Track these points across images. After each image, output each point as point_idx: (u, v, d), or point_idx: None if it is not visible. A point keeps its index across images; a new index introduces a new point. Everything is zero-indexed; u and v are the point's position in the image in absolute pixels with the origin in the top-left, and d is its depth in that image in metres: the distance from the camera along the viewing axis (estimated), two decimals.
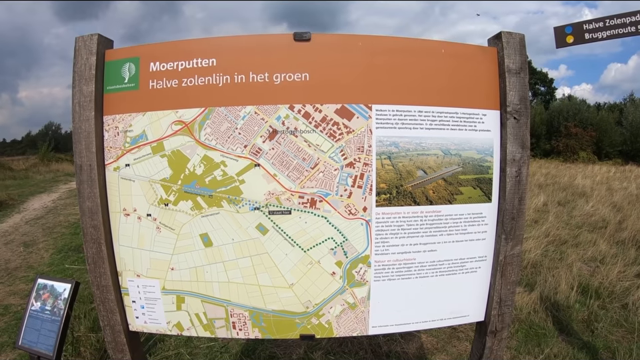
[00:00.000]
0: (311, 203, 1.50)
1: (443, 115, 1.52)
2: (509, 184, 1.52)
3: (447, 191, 1.51)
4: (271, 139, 1.49)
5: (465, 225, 1.55)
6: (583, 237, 6.24)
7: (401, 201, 1.50)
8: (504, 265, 1.56)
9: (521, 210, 1.53)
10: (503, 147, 1.54)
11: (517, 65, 1.54)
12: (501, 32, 1.58)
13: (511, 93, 1.53)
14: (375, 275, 1.54)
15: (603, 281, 4.39)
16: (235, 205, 1.52)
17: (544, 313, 3.44)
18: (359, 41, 1.52)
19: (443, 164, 1.51)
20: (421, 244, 1.54)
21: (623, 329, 3.45)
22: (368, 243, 1.52)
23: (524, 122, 1.52)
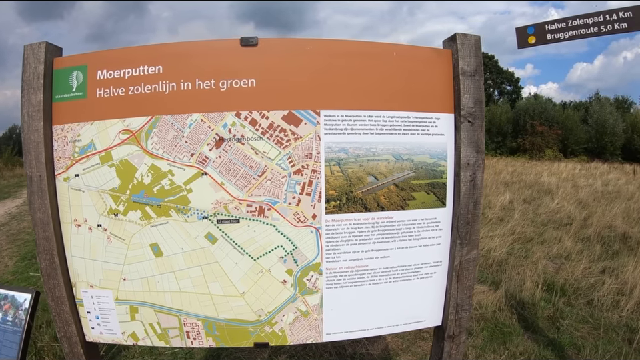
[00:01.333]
0: (259, 211, 1.41)
1: (395, 119, 1.42)
2: (464, 188, 1.42)
3: (399, 197, 1.42)
4: (218, 147, 1.40)
5: (419, 230, 1.45)
6: (549, 234, 6.23)
7: (352, 207, 1.41)
8: (459, 270, 1.47)
9: (476, 214, 1.43)
10: (457, 151, 1.44)
11: (472, 67, 1.43)
12: (456, 34, 1.47)
13: (465, 96, 1.42)
14: (327, 283, 1.45)
15: (569, 277, 4.37)
16: (184, 215, 1.43)
17: (509, 311, 3.42)
18: (308, 45, 1.43)
19: (394, 169, 1.41)
20: (373, 250, 1.44)
21: (589, 325, 3.43)
22: (318, 250, 1.43)
23: (479, 125, 1.42)
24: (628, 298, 3.84)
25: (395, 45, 1.49)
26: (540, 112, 39.98)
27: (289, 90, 1.44)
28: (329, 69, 1.45)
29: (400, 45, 1.48)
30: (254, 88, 1.44)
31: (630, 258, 4.88)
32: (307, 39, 1.49)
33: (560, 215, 7.84)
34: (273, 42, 1.47)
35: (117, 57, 1.51)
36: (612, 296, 3.91)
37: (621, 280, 4.22)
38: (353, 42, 1.48)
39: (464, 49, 1.47)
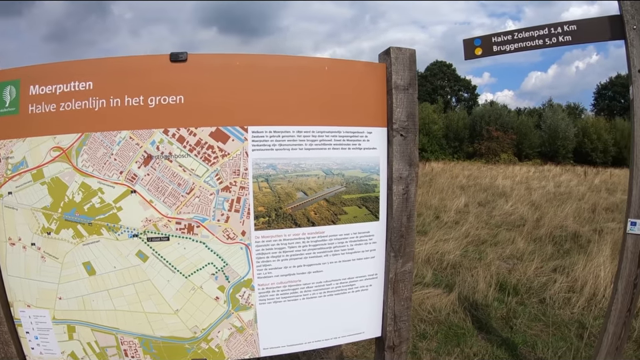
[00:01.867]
0: (188, 229, 1.37)
1: (324, 134, 1.37)
2: (396, 202, 1.38)
3: (329, 212, 1.38)
4: (146, 165, 1.36)
5: (352, 244, 1.42)
6: (502, 236, 6.32)
7: (281, 223, 1.37)
8: (395, 282, 1.43)
9: (410, 227, 1.39)
10: (389, 165, 1.40)
11: (405, 81, 1.39)
12: (390, 48, 1.42)
13: (398, 110, 1.38)
14: (260, 298, 1.42)
15: (521, 277, 4.42)
16: (114, 233, 1.39)
17: (463, 313, 3.43)
18: (237, 60, 1.38)
19: (324, 184, 1.37)
20: (305, 265, 1.41)
21: (541, 322, 3.47)
22: (249, 266, 1.39)
23: (411, 139, 1.38)
24: (579, 295, 3.92)
25: (326, 59, 1.45)
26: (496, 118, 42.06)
27: (217, 106, 1.40)
28: (257, 84, 1.40)
29: (331, 59, 1.44)
30: (182, 104, 1.39)
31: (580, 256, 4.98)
32: (236, 54, 1.44)
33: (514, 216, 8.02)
34: (202, 57, 1.43)
35: (50, 72, 1.47)
36: (563, 294, 3.98)
37: (571, 278, 4.31)
38: (282, 57, 1.44)
39: (398, 63, 1.42)
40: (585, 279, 4.15)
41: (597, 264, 4.25)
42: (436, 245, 5.31)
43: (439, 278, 4.39)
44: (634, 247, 1.85)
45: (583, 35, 1.86)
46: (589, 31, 1.95)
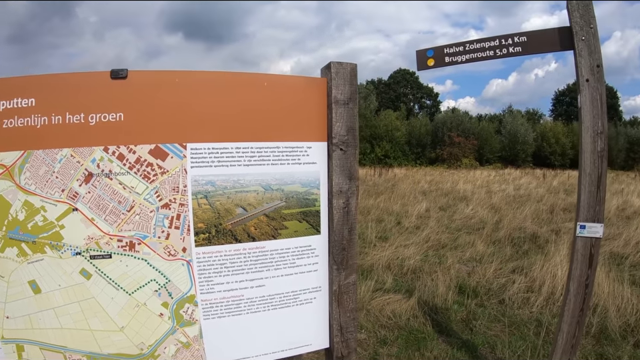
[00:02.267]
0: (129, 246, 1.36)
1: (263, 150, 1.36)
2: (337, 215, 1.37)
3: (269, 227, 1.37)
4: (87, 183, 1.35)
5: (293, 258, 1.41)
6: (462, 240, 6.35)
7: (221, 239, 1.36)
8: (339, 294, 1.43)
9: (351, 240, 1.38)
10: (330, 179, 1.38)
11: (346, 96, 1.37)
12: (331, 62, 1.41)
13: (338, 124, 1.36)
14: (204, 314, 1.40)
15: (481, 279, 4.44)
16: (58, 251, 1.38)
17: (423, 317, 3.44)
18: (176, 77, 1.37)
19: (264, 200, 1.36)
20: (248, 280, 1.40)
21: (501, 323, 3.49)
22: (191, 282, 1.38)
23: (351, 153, 1.36)
24: (537, 294, 3.96)
25: (266, 75, 1.43)
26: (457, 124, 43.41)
27: (156, 123, 1.39)
28: (196, 101, 1.39)
29: (271, 75, 1.42)
30: (122, 122, 1.38)
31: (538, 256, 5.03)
32: (175, 71, 1.43)
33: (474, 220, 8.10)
34: (142, 74, 1.41)
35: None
36: (522, 294, 4.02)
37: (530, 278, 4.35)
38: (221, 73, 1.42)
39: (338, 78, 1.41)
40: (542, 278, 4.20)
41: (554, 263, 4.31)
42: (396, 251, 5.32)
43: (399, 283, 4.39)
44: (584, 249, 1.88)
45: (533, 46, 1.88)
46: (539, 42, 1.97)
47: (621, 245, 6.08)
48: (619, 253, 5.79)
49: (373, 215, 8.28)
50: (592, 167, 1.72)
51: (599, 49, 1.76)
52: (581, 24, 1.76)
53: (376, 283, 4.14)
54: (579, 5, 1.78)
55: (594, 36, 1.81)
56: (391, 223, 7.64)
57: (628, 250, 5.82)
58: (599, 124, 1.71)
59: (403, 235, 6.55)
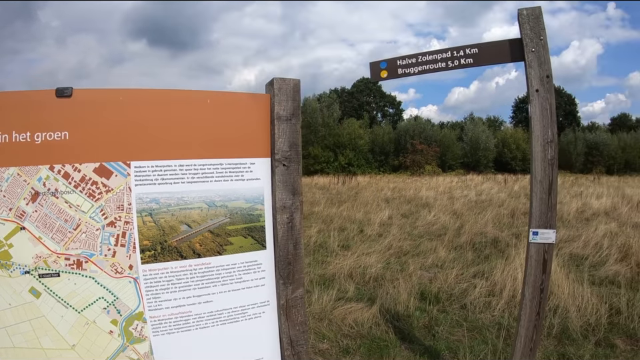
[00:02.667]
0: (77, 264, 1.37)
1: (207, 167, 1.36)
2: (281, 231, 1.37)
3: (214, 243, 1.37)
4: (34, 201, 1.36)
5: (240, 273, 1.41)
6: (424, 246, 6.51)
7: (167, 256, 1.37)
8: (287, 308, 1.43)
9: (297, 255, 1.39)
10: (273, 194, 1.37)
11: (288, 112, 1.38)
12: (274, 79, 1.42)
13: (280, 140, 1.37)
14: (153, 330, 1.41)
15: (442, 285, 4.54)
16: (7, 270, 1.39)
17: (386, 325, 3.52)
18: (120, 95, 1.39)
19: (208, 216, 1.36)
20: (195, 296, 1.41)
21: (463, 328, 3.53)
22: (139, 299, 1.39)
23: (294, 168, 1.37)
24: (498, 298, 4.04)
25: (209, 92, 1.44)
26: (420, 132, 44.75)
27: (101, 142, 1.41)
28: (140, 119, 1.41)
29: (214, 92, 1.43)
30: (67, 140, 1.40)
31: (499, 260, 5.15)
32: (120, 89, 1.44)
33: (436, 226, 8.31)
34: (87, 92, 1.43)
35: None
36: (483, 298, 4.09)
37: (491, 282, 4.42)
38: (165, 91, 1.43)
39: (281, 94, 1.42)
40: (503, 282, 4.29)
41: (514, 267, 4.39)
42: (359, 259, 5.37)
43: (361, 292, 4.44)
44: (537, 255, 1.94)
45: (485, 58, 1.94)
46: (491, 54, 2.03)
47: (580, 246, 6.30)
48: (578, 254, 6.00)
49: (335, 224, 8.42)
50: (543, 175, 1.73)
51: (548, 60, 1.81)
52: (531, 36, 1.79)
53: (338, 292, 4.19)
54: (530, 17, 1.81)
55: (544, 47, 1.87)
56: (353, 232, 7.77)
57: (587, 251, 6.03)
58: (548, 133, 1.73)
59: (365, 243, 6.70)
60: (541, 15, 1.90)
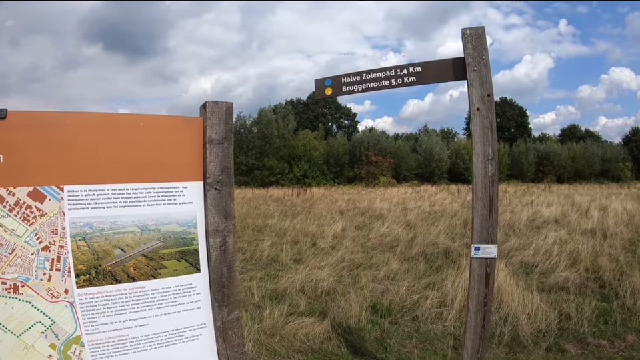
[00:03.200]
0: (13, 289, 1.38)
1: (139, 191, 1.36)
2: (215, 254, 1.37)
3: (149, 267, 1.37)
4: None
5: (175, 296, 1.41)
6: (377, 258, 6.54)
7: (102, 280, 1.37)
8: (224, 331, 1.44)
9: (231, 277, 1.39)
10: (206, 218, 1.35)
11: (220, 135, 1.38)
12: (206, 102, 1.41)
13: (212, 164, 1.37)
14: (92, 354, 1.43)
15: (394, 297, 4.56)
16: None
17: (337, 339, 3.55)
18: (55, 118, 1.52)
19: (141, 240, 1.37)
20: (131, 320, 1.42)
21: (415, 339, 3.57)
22: (76, 323, 1.39)
23: (226, 192, 1.37)
24: (450, 308, 4.07)
25: (142, 115, 1.44)
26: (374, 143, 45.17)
27: (35, 165, 1.44)
28: (73, 142, 1.44)
29: (147, 115, 1.43)
30: (1, 163, 1.38)
31: (451, 270, 5.25)
32: (54, 111, 1.47)
33: (389, 238, 8.39)
34: (21, 115, 1.46)
35: None
36: (435, 309, 4.13)
37: (442, 293, 4.49)
38: (99, 114, 1.44)
39: (213, 117, 1.42)
40: (454, 292, 4.34)
41: (465, 277, 4.42)
42: (311, 273, 5.32)
43: (313, 306, 4.44)
44: (480, 269, 2.01)
45: (428, 76, 2.02)
46: (434, 73, 2.20)
47: (530, 254, 6.43)
48: (529, 262, 6.14)
49: (289, 237, 8.42)
50: (483, 191, 1.75)
51: (490, 79, 1.86)
52: (473, 55, 1.82)
53: (290, 306, 4.18)
54: (473, 37, 1.83)
55: (485, 67, 1.92)
56: (306, 245, 7.75)
57: (537, 258, 6.16)
58: (489, 150, 1.74)
59: (318, 256, 6.66)
60: (484, 34, 1.91)
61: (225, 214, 1.56)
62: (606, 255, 6.16)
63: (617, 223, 9.16)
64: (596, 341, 3.40)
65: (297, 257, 6.71)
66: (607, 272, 5.18)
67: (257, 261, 6.40)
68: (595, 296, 4.47)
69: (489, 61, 1.95)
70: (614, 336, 3.51)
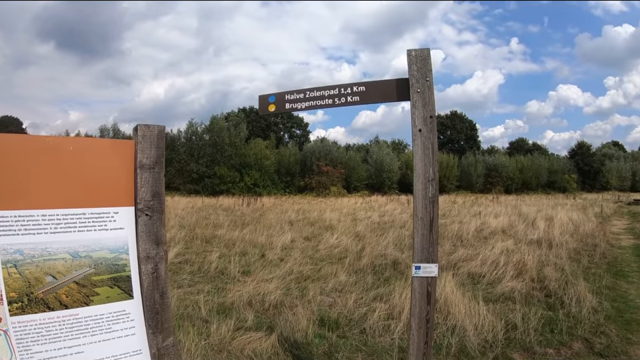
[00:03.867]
0: None
1: (70, 217, 1.34)
2: (147, 281, 1.36)
3: (81, 294, 1.36)
4: None
5: (109, 323, 1.39)
6: (325, 270, 6.66)
7: (35, 308, 1.36)
8: (159, 357, 1.46)
9: (164, 304, 1.36)
10: (138, 244, 1.31)
11: (152, 160, 1.36)
12: (138, 125, 1.40)
13: (143, 189, 1.35)
14: None
15: (342, 310, 4.66)
16: None
17: (285, 355, 3.61)
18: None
19: (72, 267, 1.35)
20: (66, 347, 1.42)
21: (363, 352, 3.63)
22: (11, 352, 1.41)
23: (157, 218, 1.35)
24: (397, 320, 4.16)
25: (72, 138, 1.44)
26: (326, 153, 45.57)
27: None
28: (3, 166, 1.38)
29: (77, 138, 1.42)
30: None
31: (399, 282, 5.46)
32: None
33: (338, 249, 8.67)
34: None
35: None
36: (382, 321, 4.20)
37: (390, 305, 4.58)
38: (27, 137, 1.40)
39: (145, 141, 1.40)
40: (402, 305, 4.43)
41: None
42: (259, 286, 5.40)
43: (261, 320, 4.47)
44: (421, 288, 2.05)
45: (371, 96, 2.09)
46: (377, 93, 2.36)
47: (478, 264, 6.59)
48: (476, 272, 6.31)
49: (237, 248, 8.59)
50: (424, 212, 1.76)
51: (433, 101, 1.92)
52: (417, 76, 1.85)
53: (237, 321, 4.15)
54: (417, 59, 1.84)
55: (429, 89, 2.03)
56: (255, 256, 7.92)
57: (484, 269, 6.31)
58: (430, 171, 1.76)
59: (266, 268, 6.85)
60: (429, 56, 1.93)
61: (156, 240, 1.57)
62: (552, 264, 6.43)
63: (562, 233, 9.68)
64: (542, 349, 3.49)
65: (246, 268, 6.74)
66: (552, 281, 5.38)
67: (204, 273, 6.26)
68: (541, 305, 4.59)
69: (433, 82, 1.98)
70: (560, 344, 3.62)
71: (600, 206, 20.68)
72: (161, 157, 1.62)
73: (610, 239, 9.91)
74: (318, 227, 11.89)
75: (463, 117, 63.23)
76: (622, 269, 6.87)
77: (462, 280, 5.39)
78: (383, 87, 2.05)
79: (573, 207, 18.08)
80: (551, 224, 10.77)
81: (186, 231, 9.80)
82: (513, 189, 49.69)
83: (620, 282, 5.89)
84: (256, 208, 19.57)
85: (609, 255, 7.83)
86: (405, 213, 15.61)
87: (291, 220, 13.83)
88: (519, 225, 10.89)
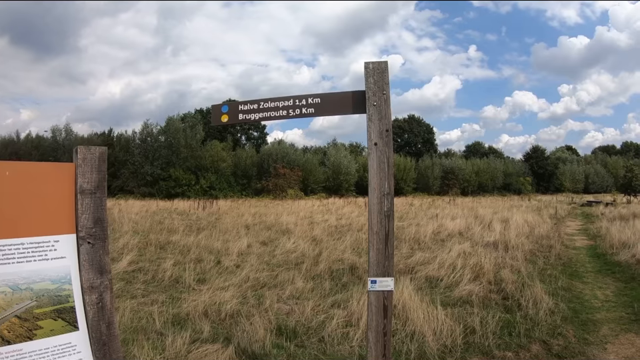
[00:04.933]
0: None
1: (7, 247, 1.25)
2: (91, 312, 1.27)
3: (23, 328, 1.26)
4: None
5: (55, 357, 1.36)
6: (282, 277, 6.53)
7: None
8: None
9: (111, 335, 1.28)
10: (81, 274, 1.21)
11: (93, 185, 1.26)
12: (78, 147, 1.27)
13: (84, 216, 1.24)
14: None
15: (300, 318, 4.55)
16: None
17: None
18: None
19: (13, 301, 1.25)
20: None
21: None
22: None
23: (100, 246, 1.25)
24: (356, 328, 4.08)
25: (8, 163, 1.33)
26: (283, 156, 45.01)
27: None
28: None
29: (13, 162, 1.29)
30: None
31: (357, 287, 5.38)
32: None
33: (295, 254, 8.45)
34: None
35: None
36: (341, 329, 4.14)
37: (348, 311, 4.51)
38: None
39: (85, 164, 1.30)
40: (360, 311, 4.33)
41: None
42: (214, 295, 5.16)
43: (217, 331, 4.23)
44: (377, 302, 1.98)
45: (326, 109, 2.05)
46: (333, 105, 2.01)
47: (435, 267, 6.52)
48: (434, 276, 6.24)
49: (192, 255, 8.22)
50: (379, 226, 1.69)
51: (389, 115, 1.94)
52: (374, 89, 1.81)
53: (193, 332, 3.95)
54: (375, 72, 1.79)
55: (385, 102, 1.94)
56: (210, 263, 7.56)
57: (442, 272, 6.23)
58: (385, 185, 1.71)
59: (222, 275, 6.54)
60: (387, 69, 1.87)
61: (100, 269, 1.48)
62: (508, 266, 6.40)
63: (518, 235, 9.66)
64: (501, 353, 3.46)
65: (201, 276, 6.38)
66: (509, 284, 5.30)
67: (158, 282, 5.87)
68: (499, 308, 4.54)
69: (390, 96, 1.89)
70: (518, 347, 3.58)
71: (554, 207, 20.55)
72: (103, 180, 1.51)
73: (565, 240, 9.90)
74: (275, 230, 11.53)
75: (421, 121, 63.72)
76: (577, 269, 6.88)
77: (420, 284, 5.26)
78: (339, 99, 1.96)
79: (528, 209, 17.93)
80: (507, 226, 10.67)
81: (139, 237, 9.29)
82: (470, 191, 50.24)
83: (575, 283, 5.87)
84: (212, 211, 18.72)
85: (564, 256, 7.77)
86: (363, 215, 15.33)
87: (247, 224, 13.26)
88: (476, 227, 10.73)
